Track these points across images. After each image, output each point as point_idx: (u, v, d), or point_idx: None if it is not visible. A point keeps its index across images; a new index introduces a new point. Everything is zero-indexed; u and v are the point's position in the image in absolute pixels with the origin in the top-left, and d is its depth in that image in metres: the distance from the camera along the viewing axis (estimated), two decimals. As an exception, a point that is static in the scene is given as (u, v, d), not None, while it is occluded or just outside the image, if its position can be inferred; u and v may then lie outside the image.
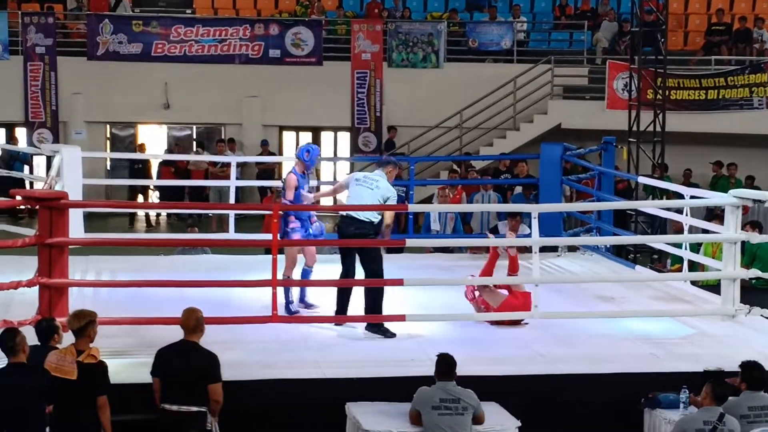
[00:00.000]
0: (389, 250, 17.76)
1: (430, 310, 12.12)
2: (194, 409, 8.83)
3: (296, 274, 12.28)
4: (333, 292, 12.04)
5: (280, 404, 9.63)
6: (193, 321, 9.05)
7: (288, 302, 12.08)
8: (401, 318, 11.33)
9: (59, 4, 28.48)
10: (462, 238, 17.43)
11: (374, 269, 11.65)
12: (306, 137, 27.52)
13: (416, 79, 26.70)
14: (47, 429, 8.45)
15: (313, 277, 12.30)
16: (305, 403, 9.67)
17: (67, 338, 9.07)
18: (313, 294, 12.48)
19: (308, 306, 12.44)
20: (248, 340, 10.38)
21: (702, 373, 9.85)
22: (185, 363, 8.88)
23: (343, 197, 12.70)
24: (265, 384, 9.68)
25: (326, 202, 19.39)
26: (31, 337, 8.94)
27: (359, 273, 11.84)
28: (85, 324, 8.63)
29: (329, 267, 12.41)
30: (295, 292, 12.32)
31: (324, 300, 12.29)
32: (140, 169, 24.54)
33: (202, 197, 24.79)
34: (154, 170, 25.09)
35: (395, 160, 12.77)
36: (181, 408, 8.82)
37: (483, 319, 11.54)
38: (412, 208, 12.84)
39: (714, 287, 13.28)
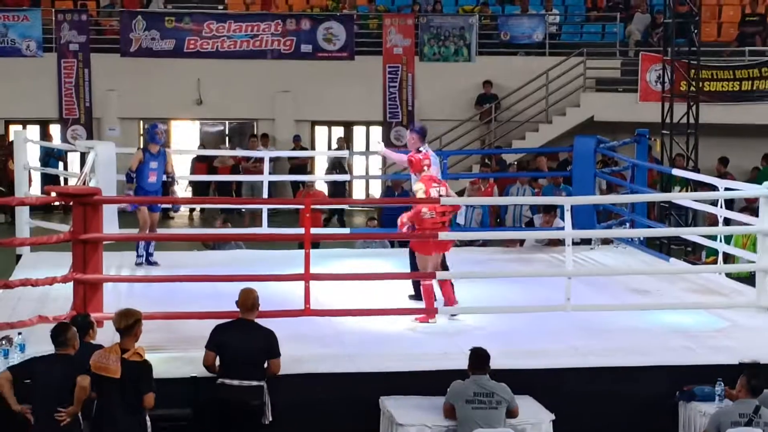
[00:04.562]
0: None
1: (463, 303, 12.09)
2: (255, 383, 9.18)
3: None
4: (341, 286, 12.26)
5: (314, 399, 9.66)
6: (251, 300, 9.48)
7: (140, 254, 14.01)
8: (434, 311, 11.34)
9: (92, 2, 28.65)
10: (492, 231, 17.34)
11: None
12: (338, 132, 27.56)
13: (448, 72, 26.67)
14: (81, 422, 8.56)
15: (347, 270, 12.42)
16: (339, 398, 9.69)
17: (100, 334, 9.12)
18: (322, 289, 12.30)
19: (151, 263, 14.10)
20: (282, 334, 10.39)
21: (737, 365, 9.81)
22: (247, 340, 9.25)
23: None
24: (299, 378, 9.71)
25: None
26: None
27: None
28: (132, 323, 8.71)
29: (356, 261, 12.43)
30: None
31: (336, 294, 12.29)
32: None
33: (229, 193, 24.92)
34: (187, 166, 25.16)
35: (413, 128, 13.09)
36: (243, 383, 9.14)
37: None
38: (444, 200, 12.76)
39: (746, 279, 13.21)
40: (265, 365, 9.34)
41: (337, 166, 24.30)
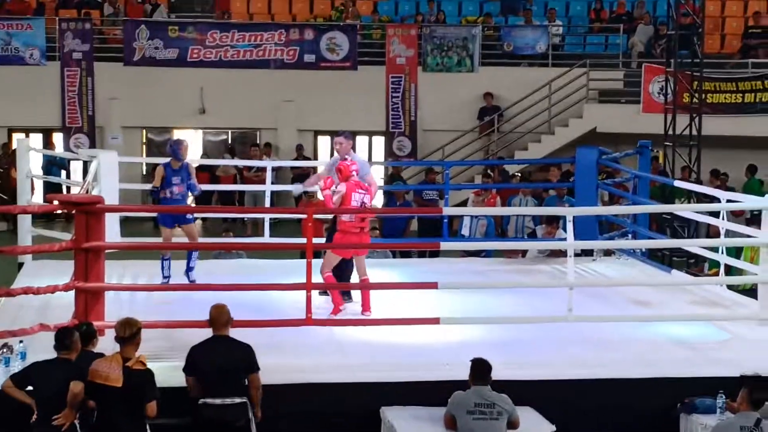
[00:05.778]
0: (423, 254, 17.73)
1: (464, 313, 12.10)
2: (237, 400, 9.07)
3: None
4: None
5: (315, 409, 9.65)
6: (225, 316, 9.37)
7: (165, 275, 13.50)
8: (436, 321, 11.33)
9: (96, 11, 28.67)
10: (496, 241, 17.34)
11: None
12: (341, 142, 27.51)
13: (451, 83, 26.69)
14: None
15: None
16: (340, 408, 9.69)
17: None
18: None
19: (190, 280, 13.66)
20: (283, 343, 10.40)
21: (739, 378, 9.80)
22: (224, 356, 9.12)
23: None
24: (300, 388, 9.70)
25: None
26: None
27: None
28: (135, 332, 8.73)
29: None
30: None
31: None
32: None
33: (231, 203, 24.89)
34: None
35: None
36: (225, 401, 9.03)
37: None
38: (447, 211, 12.81)
39: (749, 291, 13.20)
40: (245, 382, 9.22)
41: (396, 177, 23.85)
